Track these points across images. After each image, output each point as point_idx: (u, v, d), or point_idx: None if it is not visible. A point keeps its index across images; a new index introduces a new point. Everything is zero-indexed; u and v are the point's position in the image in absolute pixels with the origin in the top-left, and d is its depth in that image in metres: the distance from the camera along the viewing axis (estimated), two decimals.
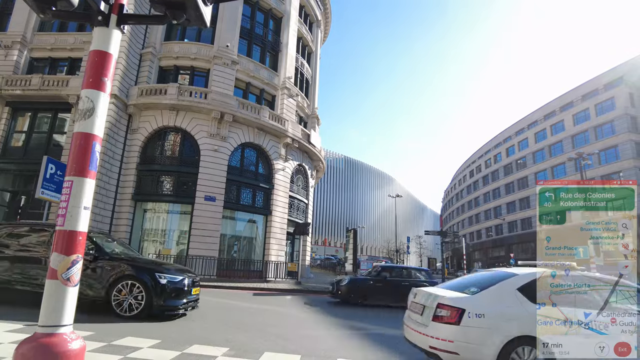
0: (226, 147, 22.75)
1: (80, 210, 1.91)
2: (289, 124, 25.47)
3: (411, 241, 71.31)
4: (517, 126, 69.79)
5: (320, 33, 35.95)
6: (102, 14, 2.03)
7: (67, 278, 1.85)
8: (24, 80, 21.06)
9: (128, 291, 7.15)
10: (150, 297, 7.16)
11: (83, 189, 1.93)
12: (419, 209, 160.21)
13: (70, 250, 1.89)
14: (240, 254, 23.56)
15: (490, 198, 74.31)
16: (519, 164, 66.23)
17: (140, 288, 7.18)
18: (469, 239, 79.62)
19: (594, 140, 50.58)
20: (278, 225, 24.52)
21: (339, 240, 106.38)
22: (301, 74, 30.67)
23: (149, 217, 22.36)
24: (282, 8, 28.50)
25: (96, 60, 1.98)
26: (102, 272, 7.31)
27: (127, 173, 21.88)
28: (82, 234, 1.96)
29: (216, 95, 22.56)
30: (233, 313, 9.84)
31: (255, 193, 24.10)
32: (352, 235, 21.99)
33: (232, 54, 24.63)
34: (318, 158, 29.75)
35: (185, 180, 22.08)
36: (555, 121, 58.68)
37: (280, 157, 25.19)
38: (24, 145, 21.64)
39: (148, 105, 22.10)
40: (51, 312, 1.83)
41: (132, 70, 22.84)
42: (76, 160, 1.94)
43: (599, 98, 51.57)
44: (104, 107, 2.01)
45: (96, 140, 1.98)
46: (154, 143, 22.66)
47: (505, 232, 67.59)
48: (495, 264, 70.26)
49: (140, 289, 7.18)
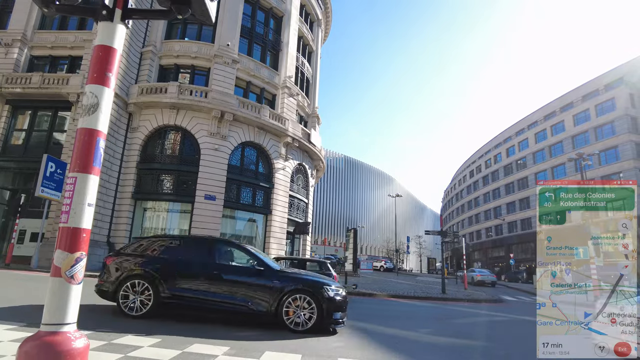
0: (226, 146, 22.73)
1: (84, 207, 1.90)
2: (290, 123, 25.45)
3: (411, 241, 71.26)
4: (517, 126, 69.75)
5: (321, 32, 35.92)
6: (107, 9, 2.01)
7: (70, 275, 1.83)
8: (24, 78, 21.03)
9: (300, 306, 6.99)
10: (321, 311, 7.00)
11: (87, 185, 1.92)
12: (418, 208, 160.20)
13: (74, 247, 1.87)
14: None
15: (490, 198, 74.28)
16: (519, 164, 66.20)
17: (311, 302, 7.01)
18: (468, 239, 79.60)
19: (594, 141, 50.54)
20: (278, 225, 24.50)
21: (338, 239, 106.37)
22: (302, 73, 30.65)
23: (148, 216, 22.35)
24: (282, 7, 28.46)
25: (100, 55, 1.96)
26: (277, 289, 7.10)
27: (127, 172, 21.87)
28: (86, 230, 1.94)
29: (216, 94, 22.53)
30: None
31: (255, 192, 24.09)
32: (352, 234, 21.96)
33: (233, 52, 24.60)
34: (318, 157, 29.73)
35: (186, 179, 22.07)
36: (555, 122, 58.65)
37: (281, 157, 25.17)
38: (24, 144, 21.62)
39: (148, 104, 22.08)
40: (55, 310, 1.82)
41: (132, 69, 22.82)
42: (80, 156, 1.92)
43: (600, 99, 51.54)
44: (108, 103, 2.00)
45: (100, 136, 1.97)
46: (154, 142, 22.64)
47: (505, 233, 67.57)
48: (495, 264, 70.35)
49: (312, 303, 7.01)
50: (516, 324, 12.14)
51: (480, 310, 15.12)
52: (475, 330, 10.39)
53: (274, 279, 7.20)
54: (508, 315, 13.98)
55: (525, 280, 48.56)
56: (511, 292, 27.66)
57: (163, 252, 7.69)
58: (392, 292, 18.46)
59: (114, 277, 7.30)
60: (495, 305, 17.90)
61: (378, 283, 25.19)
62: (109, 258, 7.70)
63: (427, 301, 17.26)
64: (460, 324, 11.41)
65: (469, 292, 22.93)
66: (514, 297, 23.14)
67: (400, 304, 15.48)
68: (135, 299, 7.00)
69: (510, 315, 14.02)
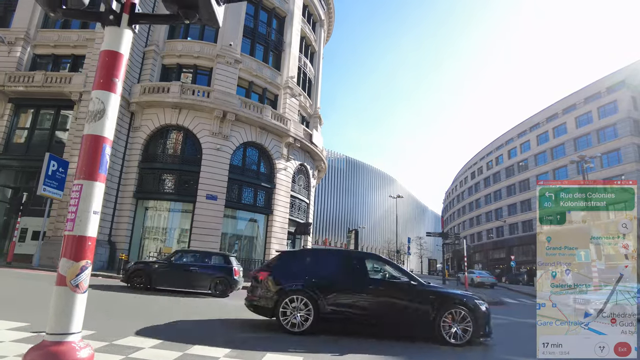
0: (228, 146, 22.72)
1: (89, 214, 1.88)
2: (291, 123, 25.43)
3: (412, 242, 71.21)
4: (519, 128, 69.68)
5: (324, 33, 35.90)
6: (114, 13, 1.99)
7: (76, 285, 1.81)
8: (26, 76, 21.06)
9: (457, 320, 7.05)
10: (476, 325, 7.09)
11: (93, 192, 1.90)
12: (419, 210, 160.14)
13: (79, 256, 1.85)
14: (241, 252, 23.54)
15: (492, 200, 74.19)
16: (520, 166, 66.10)
17: (466, 317, 7.07)
18: (469, 240, 79.55)
19: (597, 143, 50.43)
20: (279, 225, 24.49)
21: (339, 240, 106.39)
22: (304, 73, 30.63)
23: (150, 215, 22.35)
24: (285, 7, 28.44)
25: (107, 60, 1.94)
26: (431, 303, 7.18)
27: (129, 171, 21.87)
28: (92, 239, 1.92)
29: (219, 94, 22.52)
30: (228, 313, 9.79)
31: (256, 192, 24.07)
32: (353, 235, 21.98)
33: (235, 52, 24.58)
34: (320, 158, 29.71)
35: (187, 178, 22.06)
36: (557, 124, 58.54)
37: (282, 157, 25.16)
38: (26, 142, 21.66)
39: (151, 103, 22.08)
40: (60, 320, 1.79)
41: (135, 68, 22.82)
42: (86, 163, 1.90)
43: (602, 101, 51.45)
44: (114, 109, 1.98)
45: (106, 143, 1.95)
46: (156, 141, 22.65)
47: (506, 234, 67.47)
48: (496, 266, 70.25)
49: (467, 317, 7.06)
50: (516, 326, 12.09)
51: None
52: None
53: (428, 294, 7.26)
54: (508, 318, 13.92)
55: (526, 282, 48.47)
56: (512, 295, 27.59)
57: (314, 267, 7.70)
58: None
59: (271, 293, 7.25)
60: (495, 307, 17.79)
61: None
62: (262, 273, 7.62)
63: None
64: None
65: None
66: (514, 300, 23.07)
67: None
68: (295, 315, 6.98)
69: (511, 318, 13.96)
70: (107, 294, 11.10)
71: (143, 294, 11.63)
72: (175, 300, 11.19)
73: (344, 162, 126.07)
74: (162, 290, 12.91)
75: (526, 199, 62.85)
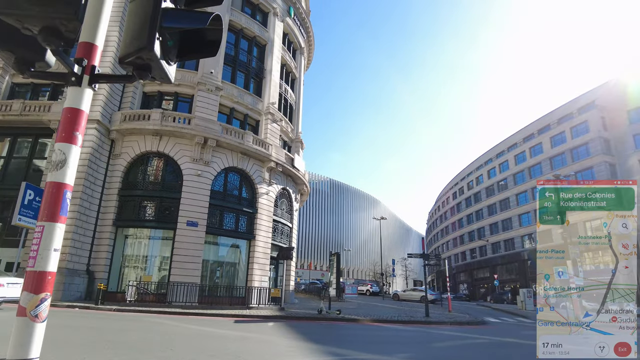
0: (209, 171, 22.83)
1: (50, 252, 2.08)
2: (273, 148, 25.76)
3: (397, 263, 71.25)
4: (497, 148, 71.68)
5: (304, 60, 36.83)
6: (75, 75, 2.27)
7: (35, 315, 2.00)
8: (4, 105, 20.98)
9: None
10: None
11: (54, 233, 2.11)
12: (404, 230, 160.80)
13: (39, 289, 2.05)
14: (222, 280, 23.32)
15: (474, 219, 75.31)
16: (500, 186, 67.63)
17: None
18: (454, 260, 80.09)
19: (571, 162, 52.25)
20: (261, 250, 24.43)
21: (324, 263, 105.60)
22: (285, 99, 31.24)
23: (130, 243, 22.07)
24: (265, 36, 29.24)
25: (69, 116, 2.19)
26: None
27: (109, 199, 21.71)
28: (52, 273, 2.12)
29: (200, 121, 22.78)
30: (210, 342, 9.77)
31: (238, 217, 24.07)
32: (335, 259, 22.03)
33: (216, 80, 25.03)
34: (302, 182, 29.99)
35: (168, 205, 21.98)
36: (534, 144, 60.56)
37: (264, 181, 25.35)
38: (2, 170, 21.35)
39: (131, 131, 22.17)
40: (20, 346, 1.97)
41: (115, 96, 22.98)
42: (48, 207, 2.12)
43: (574, 121, 53.64)
44: (75, 158, 2.21)
45: (67, 189, 2.17)
46: (137, 168, 22.62)
47: (490, 253, 68.27)
48: (481, 285, 70.62)
49: None
50: (497, 346, 12.31)
51: (462, 333, 15.24)
52: (454, 354, 10.51)
53: None
54: (490, 338, 14.14)
55: (510, 301, 48.88)
56: (495, 314, 27.86)
57: None
58: (376, 317, 18.48)
59: None
60: (478, 327, 18.05)
61: (363, 308, 25.14)
62: None
63: (411, 325, 17.32)
64: (441, 347, 11.53)
65: (452, 315, 23.05)
66: (497, 319, 23.33)
67: (384, 328, 15.53)
68: None
69: (493, 338, 14.19)
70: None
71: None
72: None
73: (328, 184, 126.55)
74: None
75: (507, 218, 64.04)
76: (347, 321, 17.30)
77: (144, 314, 15.60)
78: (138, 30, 2.24)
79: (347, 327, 15.29)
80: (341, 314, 18.51)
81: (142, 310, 16.51)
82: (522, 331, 16.34)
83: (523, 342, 12.72)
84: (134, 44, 2.24)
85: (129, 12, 2.38)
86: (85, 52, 2.34)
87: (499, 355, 10.55)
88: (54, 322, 10.78)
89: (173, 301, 19.33)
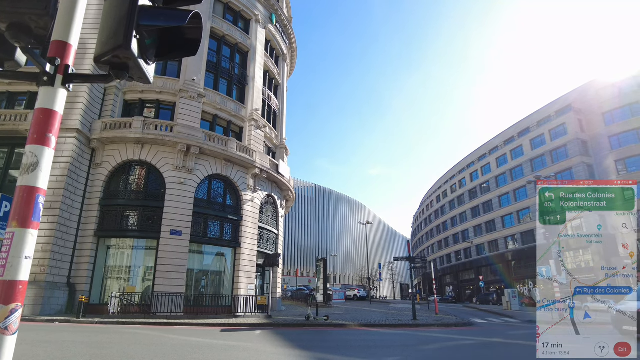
0: (193, 179, 22.53)
1: (21, 260, 1.96)
2: (257, 154, 25.60)
3: (383, 268, 71.43)
4: (479, 152, 72.87)
5: (287, 66, 36.87)
6: (48, 75, 2.17)
7: (5, 327, 1.88)
8: None
9: None
10: None
11: (25, 239, 1.99)
12: (390, 235, 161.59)
13: (9, 299, 1.93)
14: (208, 288, 22.95)
15: (458, 222, 76.19)
16: (483, 188, 68.68)
17: None
18: (439, 263, 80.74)
19: (551, 164, 53.43)
20: (247, 258, 24.15)
21: (311, 270, 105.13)
22: (268, 106, 31.16)
23: (112, 254, 21.56)
24: (248, 43, 29.17)
25: (41, 117, 2.09)
26: None
27: (90, 209, 21.19)
28: (23, 282, 2.01)
29: (182, 128, 22.50)
30: (196, 352, 9.55)
31: (223, 225, 23.77)
32: (322, 264, 21.90)
33: (199, 87, 24.81)
34: (287, 188, 29.86)
35: (151, 214, 21.58)
36: (514, 146, 61.76)
37: (249, 188, 25.13)
38: None
39: (112, 139, 21.75)
40: None
41: (95, 105, 22.54)
42: (19, 212, 2.00)
43: (553, 124, 54.96)
44: (48, 162, 2.10)
45: (40, 193, 2.05)
46: (118, 177, 22.17)
47: (474, 255, 69.08)
48: (466, 287, 71.31)
49: None
50: (484, 347, 12.37)
51: (450, 335, 15.28)
52: (443, 356, 10.51)
53: None
54: (477, 339, 14.21)
55: (495, 301, 49.50)
56: (481, 315, 28.09)
57: None
58: (364, 322, 18.41)
59: None
60: (465, 329, 18.13)
61: (350, 313, 25.05)
62: None
63: (398, 329, 17.29)
64: (429, 350, 11.52)
65: (439, 317, 23.13)
66: (484, 320, 23.51)
67: (372, 333, 15.46)
68: None
69: (479, 339, 14.26)
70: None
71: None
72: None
73: (314, 190, 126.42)
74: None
75: (490, 220, 64.97)
76: (335, 327, 17.18)
77: (127, 326, 15.21)
78: (114, 28, 2.16)
79: (335, 332, 15.18)
80: (329, 319, 18.39)
81: (125, 322, 16.10)
82: (509, 331, 16.49)
83: (510, 342, 12.82)
84: (110, 43, 2.16)
85: (104, 9, 2.30)
86: (59, 51, 2.24)
87: (487, 356, 10.60)
88: (31, 337, 10.40)
89: (158, 312, 18.91)
